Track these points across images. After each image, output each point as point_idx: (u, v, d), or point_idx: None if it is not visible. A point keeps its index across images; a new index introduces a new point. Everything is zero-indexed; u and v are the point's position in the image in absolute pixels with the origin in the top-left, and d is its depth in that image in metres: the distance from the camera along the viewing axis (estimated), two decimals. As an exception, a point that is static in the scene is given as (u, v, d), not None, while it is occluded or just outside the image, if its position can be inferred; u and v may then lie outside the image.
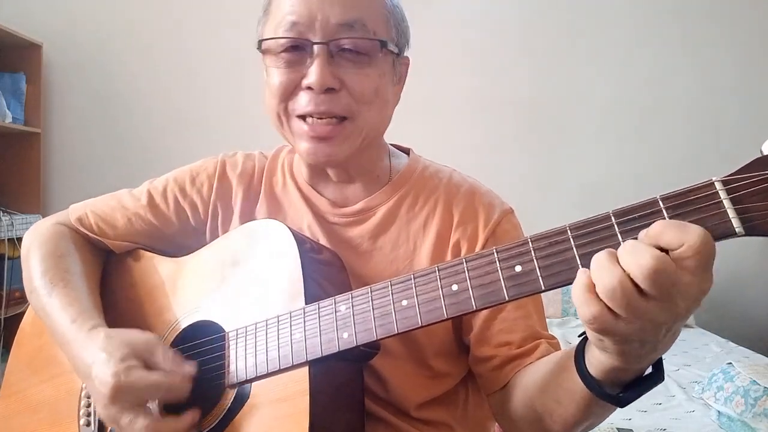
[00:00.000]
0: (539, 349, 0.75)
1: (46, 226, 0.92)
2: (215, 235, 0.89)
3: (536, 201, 2.95)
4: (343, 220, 0.84)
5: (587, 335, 0.53)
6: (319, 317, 0.66)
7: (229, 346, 0.73)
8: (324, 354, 0.65)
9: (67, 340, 0.78)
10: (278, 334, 0.68)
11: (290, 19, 0.74)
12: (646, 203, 0.49)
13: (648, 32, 3.07)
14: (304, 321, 0.67)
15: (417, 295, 0.59)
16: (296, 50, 0.75)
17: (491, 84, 3.09)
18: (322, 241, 0.82)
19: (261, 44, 0.78)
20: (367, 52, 0.76)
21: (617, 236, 0.50)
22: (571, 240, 0.51)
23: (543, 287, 0.52)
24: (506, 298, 0.54)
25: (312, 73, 0.73)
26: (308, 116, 0.75)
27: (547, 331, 0.79)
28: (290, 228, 0.75)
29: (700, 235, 0.45)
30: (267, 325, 0.70)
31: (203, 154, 0.96)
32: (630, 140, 3.08)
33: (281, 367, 0.67)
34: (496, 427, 0.92)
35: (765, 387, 1.69)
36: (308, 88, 0.74)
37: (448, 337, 0.81)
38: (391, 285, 0.62)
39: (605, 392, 0.56)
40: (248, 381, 0.70)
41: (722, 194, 0.47)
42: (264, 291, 0.74)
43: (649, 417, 1.75)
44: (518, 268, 0.54)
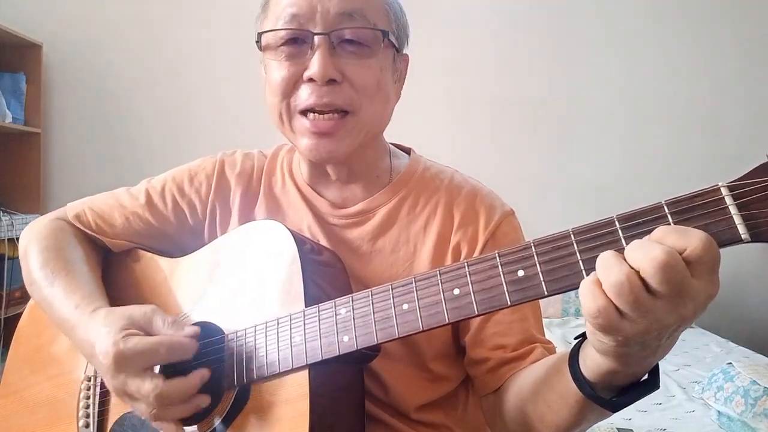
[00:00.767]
0: (534, 354, 0.74)
1: (44, 223, 0.91)
2: (213, 235, 0.88)
3: (538, 201, 2.95)
4: (343, 222, 0.83)
5: (587, 336, 0.52)
6: (319, 320, 0.65)
7: (229, 348, 0.72)
8: (324, 357, 0.64)
9: (72, 326, 0.77)
10: (278, 337, 0.68)
11: (290, 11, 0.74)
12: (651, 208, 0.48)
13: (651, 32, 3.07)
14: (304, 324, 0.66)
15: (418, 299, 0.59)
16: (296, 43, 0.75)
17: (492, 84, 3.09)
18: (322, 243, 0.82)
19: (260, 37, 0.77)
20: (369, 44, 0.75)
21: (621, 241, 0.49)
22: (575, 245, 0.50)
23: (546, 292, 0.52)
24: (508, 303, 0.53)
25: (314, 64, 0.72)
26: (310, 111, 0.75)
27: (543, 335, 0.79)
28: (290, 229, 0.74)
29: (702, 240, 0.44)
30: (267, 328, 0.70)
31: (203, 154, 0.95)
32: (633, 140, 3.08)
33: (281, 370, 0.67)
34: None
35: (765, 387, 1.69)
36: (310, 81, 0.73)
37: (448, 340, 0.81)
38: (392, 288, 0.61)
39: (597, 396, 0.55)
40: (248, 383, 0.70)
41: (728, 200, 0.46)
42: (263, 292, 0.73)
43: (649, 417, 1.75)
44: (521, 273, 0.53)
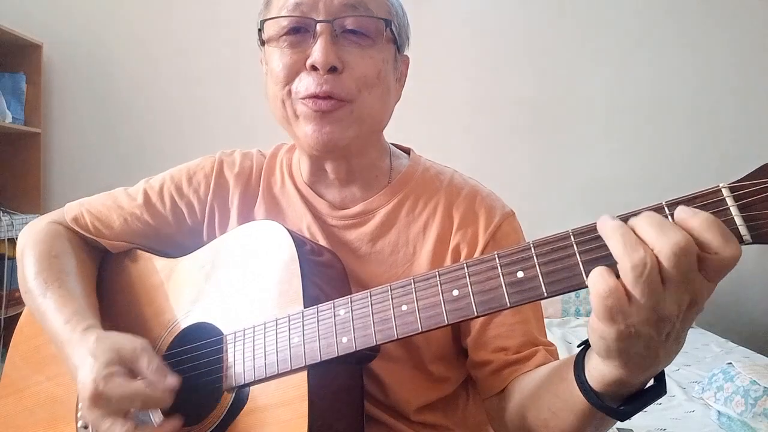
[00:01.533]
0: (536, 357, 0.74)
1: (41, 226, 0.91)
2: (212, 235, 0.88)
3: (538, 201, 2.95)
4: (342, 223, 0.83)
5: (588, 336, 0.52)
6: (318, 321, 0.65)
7: (227, 349, 0.72)
8: (323, 359, 0.64)
9: (61, 341, 0.77)
10: (277, 338, 0.68)
11: (293, 1, 0.74)
12: (652, 209, 0.48)
13: (650, 31, 3.07)
14: (303, 325, 0.66)
15: (417, 300, 0.58)
16: (299, 32, 0.74)
17: (493, 84, 3.09)
18: (321, 243, 0.81)
19: (263, 26, 0.77)
20: (370, 34, 0.75)
21: None
22: (575, 246, 0.50)
23: (545, 294, 0.51)
24: (508, 304, 0.53)
25: (316, 51, 0.72)
26: (311, 98, 0.74)
27: (545, 337, 0.78)
28: (289, 229, 0.74)
29: (736, 248, 0.44)
30: (265, 329, 0.69)
31: (203, 153, 0.94)
32: (632, 140, 3.08)
33: (280, 372, 0.67)
34: None
35: (765, 387, 1.68)
36: (312, 68, 0.73)
37: (447, 342, 0.81)
38: (391, 290, 0.61)
39: (605, 405, 0.55)
40: (246, 385, 0.70)
41: (729, 201, 0.46)
42: (262, 293, 0.73)
43: (649, 417, 1.75)
44: (520, 274, 0.52)
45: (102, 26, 3.07)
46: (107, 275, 0.92)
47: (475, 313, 0.55)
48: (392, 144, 0.91)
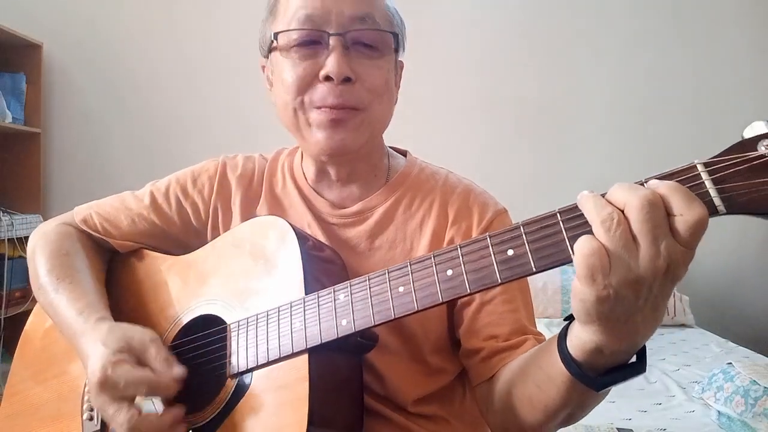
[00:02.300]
0: (526, 345, 0.76)
1: (52, 227, 0.94)
2: (216, 236, 0.90)
3: (541, 201, 2.94)
4: (342, 221, 0.86)
5: (571, 301, 0.53)
6: (319, 306, 0.67)
7: (231, 338, 0.74)
8: (323, 341, 0.66)
9: (74, 332, 0.79)
10: (279, 324, 0.70)
11: (304, 12, 0.76)
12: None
13: (650, 31, 3.07)
14: (304, 310, 0.68)
15: (413, 282, 0.61)
16: (310, 45, 0.77)
17: (495, 84, 3.09)
18: (322, 241, 0.83)
19: (276, 37, 0.79)
20: (379, 46, 0.79)
21: None
22: (561, 223, 0.53)
23: (534, 269, 0.54)
24: (499, 281, 0.56)
25: (330, 64, 0.75)
26: (325, 108, 0.77)
27: (535, 327, 0.81)
28: (292, 225, 0.76)
29: (691, 198, 0.47)
30: (268, 316, 0.71)
31: (203, 154, 0.97)
32: (632, 140, 3.08)
33: (281, 356, 0.69)
34: None
35: (765, 387, 1.69)
36: (326, 79, 0.76)
37: (444, 333, 0.83)
38: (389, 273, 0.63)
39: (583, 373, 0.56)
40: (249, 371, 0.72)
41: (704, 175, 0.49)
42: (265, 287, 0.75)
43: (649, 417, 1.76)
44: (510, 252, 0.55)
45: (102, 26, 3.08)
46: (115, 274, 0.94)
47: (468, 290, 0.57)
48: (390, 147, 0.94)
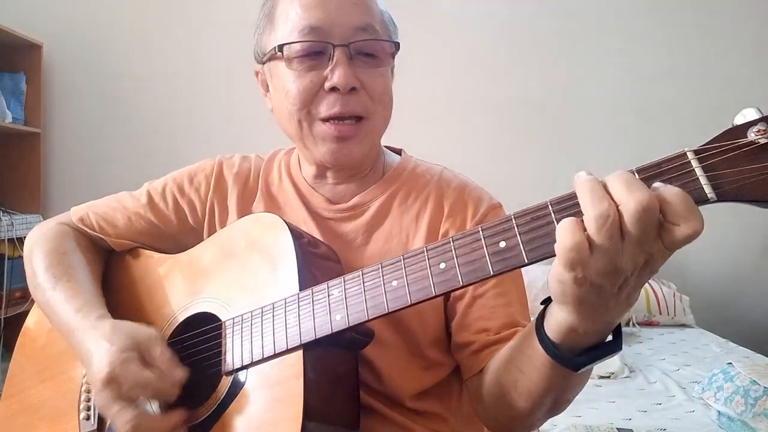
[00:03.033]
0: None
1: (49, 227, 0.94)
2: (212, 233, 0.90)
3: (538, 201, 2.94)
4: (338, 216, 0.86)
5: (549, 284, 0.54)
6: (313, 302, 0.67)
7: (225, 335, 0.74)
8: (317, 336, 0.66)
9: (72, 329, 0.79)
10: (273, 321, 0.70)
11: (307, 24, 0.77)
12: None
13: (652, 32, 3.07)
14: (299, 306, 0.68)
15: (406, 275, 0.61)
16: (314, 55, 0.78)
17: (492, 85, 3.09)
18: (317, 236, 0.84)
19: (282, 49, 0.79)
20: (379, 55, 0.81)
21: None
22: (552, 214, 0.53)
23: (526, 261, 0.54)
24: (491, 273, 0.56)
25: (337, 75, 0.76)
26: (331, 119, 0.78)
27: (529, 321, 0.80)
28: (286, 221, 0.76)
29: (698, 223, 0.47)
30: (263, 312, 0.71)
31: (202, 153, 0.98)
32: (633, 141, 3.06)
33: (276, 352, 0.69)
34: None
35: (765, 387, 1.69)
36: (332, 90, 0.77)
37: (441, 325, 0.83)
38: (382, 267, 0.64)
39: (559, 354, 0.57)
40: (244, 367, 0.72)
41: (694, 163, 0.49)
42: (260, 283, 0.75)
43: (649, 417, 1.75)
44: (502, 244, 0.55)
45: (102, 26, 3.07)
46: (111, 273, 0.94)
47: (461, 283, 0.57)
48: (384, 146, 0.95)
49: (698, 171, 0.48)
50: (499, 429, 0.80)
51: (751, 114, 0.48)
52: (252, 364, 0.71)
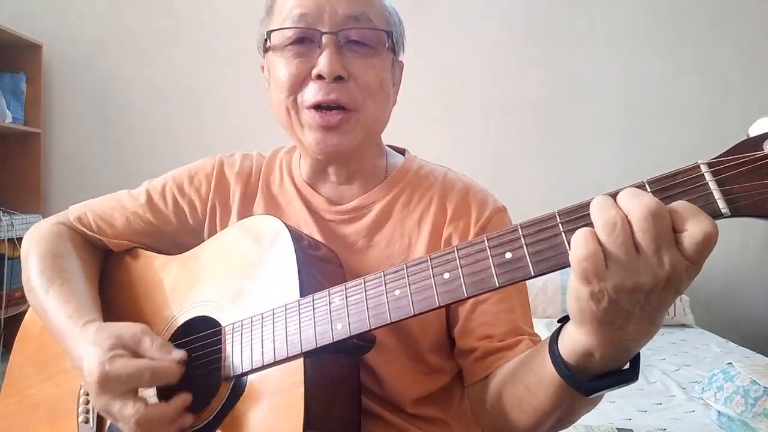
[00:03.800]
0: (521, 346, 0.75)
1: (46, 227, 0.92)
2: (213, 234, 0.89)
3: (539, 202, 2.94)
4: (339, 218, 0.85)
5: (567, 299, 0.53)
6: (314, 309, 0.66)
7: (226, 340, 0.73)
8: (318, 345, 0.65)
9: (64, 337, 0.78)
10: (273, 327, 0.69)
11: (298, 11, 0.76)
12: (633, 186, 0.50)
13: (651, 32, 3.07)
14: (299, 313, 0.67)
15: (409, 285, 0.59)
16: (304, 43, 0.77)
17: (492, 85, 3.09)
18: (318, 238, 0.83)
19: (270, 36, 0.79)
20: (373, 45, 0.78)
21: None
22: (560, 225, 0.51)
23: (533, 273, 0.52)
24: (497, 285, 0.54)
25: (322, 62, 0.75)
26: (317, 107, 0.77)
27: (531, 328, 0.80)
28: (287, 224, 0.76)
29: (706, 224, 0.46)
30: (263, 318, 0.70)
31: (202, 154, 0.96)
32: (633, 141, 3.07)
33: (276, 359, 0.68)
34: None
35: (765, 387, 1.69)
36: (318, 78, 0.76)
37: (443, 331, 0.82)
38: (384, 275, 0.62)
39: (572, 376, 0.56)
40: (244, 374, 0.71)
41: (708, 176, 0.47)
42: (260, 287, 0.74)
43: (649, 417, 1.75)
44: (508, 255, 0.54)
45: (102, 26, 3.07)
46: (109, 274, 0.93)
47: (465, 294, 0.56)
48: (388, 145, 0.93)
49: (712, 185, 0.47)
50: None
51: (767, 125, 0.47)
52: (252, 371, 0.70)
